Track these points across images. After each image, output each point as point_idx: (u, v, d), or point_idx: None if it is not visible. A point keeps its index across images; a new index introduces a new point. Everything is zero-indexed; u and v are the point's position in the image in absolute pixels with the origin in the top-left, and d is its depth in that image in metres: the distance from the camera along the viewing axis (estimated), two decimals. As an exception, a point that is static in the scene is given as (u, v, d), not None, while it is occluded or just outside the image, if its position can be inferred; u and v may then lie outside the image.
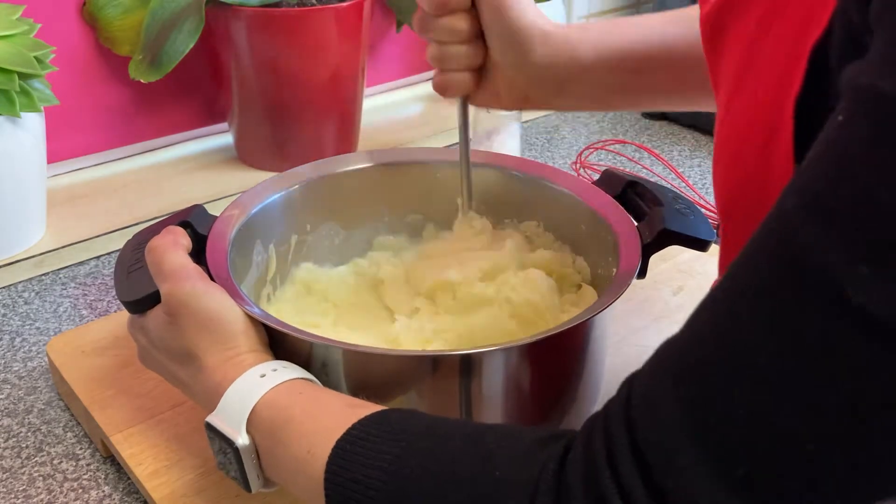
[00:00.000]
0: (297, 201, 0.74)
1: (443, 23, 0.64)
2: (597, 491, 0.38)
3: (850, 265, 0.32)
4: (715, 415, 0.36)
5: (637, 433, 0.38)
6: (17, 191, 0.92)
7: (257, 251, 0.72)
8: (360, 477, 0.46)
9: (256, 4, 1.01)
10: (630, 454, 0.38)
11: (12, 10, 0.89)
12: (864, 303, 0.32)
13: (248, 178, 1.11)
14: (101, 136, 1.12)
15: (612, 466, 0.38)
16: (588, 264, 0.73)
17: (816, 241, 0.34)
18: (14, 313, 0.88)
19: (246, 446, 0.53)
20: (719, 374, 0.36)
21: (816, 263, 0.33)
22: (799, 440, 0.34)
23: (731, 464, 0.35)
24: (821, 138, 0.35)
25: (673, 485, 0.36)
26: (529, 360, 0.59)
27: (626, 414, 0.39)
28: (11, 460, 0.69)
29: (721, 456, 0.36)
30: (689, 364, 0.37)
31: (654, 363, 0.40)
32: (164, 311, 0.59)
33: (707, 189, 1.14)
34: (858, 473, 0.34)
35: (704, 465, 0.36)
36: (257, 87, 1.06)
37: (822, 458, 0.34)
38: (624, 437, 0.38)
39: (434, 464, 0.45)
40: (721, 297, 0.38)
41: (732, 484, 0.35)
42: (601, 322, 0.64)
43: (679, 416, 0.37)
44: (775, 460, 0.35)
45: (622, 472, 0.37)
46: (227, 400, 0.54)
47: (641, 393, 0.39)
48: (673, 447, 0.36)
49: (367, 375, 0.59)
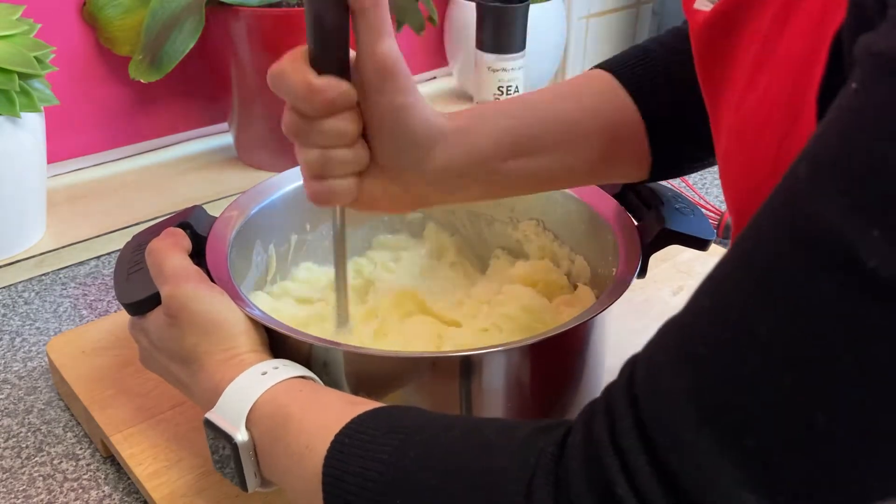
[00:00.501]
0: (296, 201, 0.74)
1: (327, 125, 0.55)
2: (599, 470, 0.37)
3: (862, 229, 0.32)
4: (720, 388, 0.35)
5: (641, 410, 0.37)
6: (17, 191, 0.92)
7: (257, 251, 0.72)
8: (357, 470, 0.45)
9: (256, 4, 1.01)
10: (634, 431, 0.37)
11: (12, 10, 0.89)
12: (877, 266, 0.32)
13: (248, 178, 1.11)
14: (101, 136, 1.12)
15: (615, 445, 0.37)
16: (588, 264, 0.73)
17: (828, 206, 0.33)
18: (14, 313, 0.88)
19: (244, 443, 0.53)
20: (724, 346, 0.36)
21: (828, 229, 0.33)
22: (807, 410, 0.34)
23: (737, 437, 0.35)
24: (833, 107, 0.35)
25: (678, 460, 0.36)
26: (530, 361, 0.59)
27: (630, 392, 0.38)
28: (11, 460, 0.69)
29: (727, 429, 0.35)
30: (692, 338, 0.37)
31: (657, 341, 0.39)
32: (165, 313, 0.59)
33: (707, 189, 1.14)
34: (867, 443, 0.34)
35: (710, 438, 0.35)
36: (257, 87, 1.06)
37: (831, 429, 0.34)
38: (627, 415, 0.38)
39: (431, 455, 0.44)
40: (726, 270, 0.37)
41: (739, 457, 0.35)
42: (601, 323, 0.64)
43: (684, 391, 0.36)
44: (782, 432, 0.34)
45: (625, 449, 0.37)
46: (227, 397, 0.54)
47: (644, 371, 0.38)
48: (678, 422, 0.36)
49: (367, 377, 0.59)
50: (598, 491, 0.37)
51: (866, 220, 0.32)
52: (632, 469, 0.37)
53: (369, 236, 0.80)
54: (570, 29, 1.43)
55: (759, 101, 0.45)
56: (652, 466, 0.36)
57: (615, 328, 0.67)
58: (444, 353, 0.63)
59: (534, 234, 0.77)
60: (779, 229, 0.35)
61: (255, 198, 0.72)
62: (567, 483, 0.39)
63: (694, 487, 0.35)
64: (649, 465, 0.36)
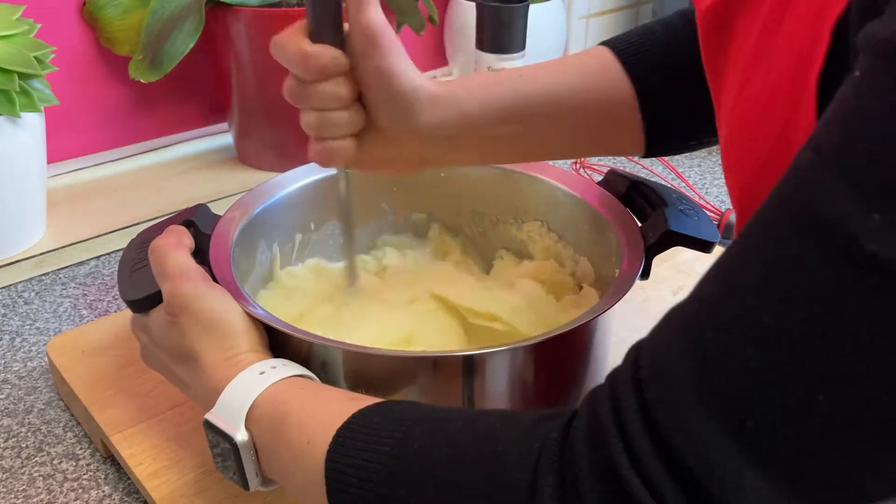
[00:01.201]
0: (300, 201, 0.74)
1: (321, 88, 0.59)
2: (603, 454, 0.38)
3: (863, 214, 0.32)
4: (724, 371, 0.36)
5: (646, 394, 0.37)
6: (17, 191, 0.92)
7: (261, 250, 0.72)
8: (360, 462, 0.46)
9: (256, 4, 1.01)
10: (638, 415, 0.37)
11: (12, 10, 0.89)
12: (876, 251, 0.32)
13: (248, 178, 1.11)
14: (101, 136, 1.12)
15: (620, 427, 0.38)
16: (591, 265, 0.73)
17: (831, 192, 0.33)
18: (14, 313, 0.87)
19: (244, 442, 0.53)
20: (728, 330, 0.36)
21: (830, 214, 0.33)
22: (809, 393, 0.34)
23: (740, 418, 0.35)
24: (838, 96, 0.35)
25: (682, 440, 0.36)
26: (532, 360, 0.59)
27: (634, 376, 0.38)
28: (11, 460, 0.69)
29: (731, 411, 0.35)
30: (698, 323, 0.37)
31: (662, 327, 0.39)
32: (166, 311, 0.59)
33: (707, 189, 1.14)
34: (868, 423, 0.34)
35: (714, 421, 0.35)
36: (257, 87, 1.06)
37: (832, 411, 0.34)
38: (632, 399, 0.38)
39: (435, 445, 0.45)
40: (731, 258, 0.38)
41: (743, 439, 0.35)
42: (603, 323, 0.64)
43: (688, 374, 0.36)
44: (785, 413, 0.34)
45: (630, 431, 0.37)
46: (226, 396, 0.54)
47: (649, 355, 0.39)
48: (683, 404, 0.36)
49: (367, 376, 0.59)
50: (603, 473, 0.38)
51: (867, 204, 0.32)
52: (636, 451, 0.37)
53: (374, 236, 0.80)
54: (570, 29, 1.43)
55: (759, 88, 0.45)
56: (656, 447, 0.36)
57: (616, 327, 0.67)
58: (445, 353, 0.62)
59: (538, 235, 0.77)
60: (782, 216, 0.35)
61: (260, 197, 0.72)
62: (571, 466, 0.39)
63: (698, 467, 0.36)
64: (653, 445, 0.37)
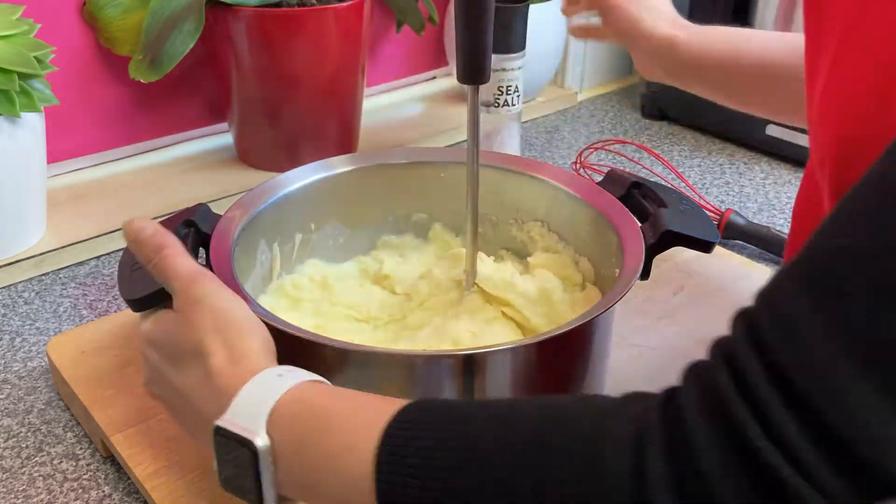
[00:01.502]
0: (301, 201, 0.74)
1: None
2: (728, 425, 0.36)
3: None
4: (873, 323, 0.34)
5: (776, 356, 0.36)
6: (17, 191, 0.92)
7: (261, 250, 0.72)
8: (417, 462, 0.43)
9: (256, 4, 1.01)
10: (764, 375, 0.36)
11: (12, 10, 0.89)
12: None
13: (248, 178, 1.11)
14: (101, 136, 1.12)
15: (746, 396, 0.36)
16: (592, 265, 0.73)
17: None
18: (14, 313, 0.87)
19: (265, 448, 0.48)
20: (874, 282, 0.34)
21: None
22: None
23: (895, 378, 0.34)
24: None
25: (828, 405, 0.34)
26: (533, 359, 0.59)
27: (756, 341, 0.37)
28: (11, 460, 0.69)
29: (886, 367, 0.34)
30: (833, 277, 0.36)
31: (778, 287, 0.38)
32: (176, 308, 0.56)
33: (707, 189, 1.14)
34: None
35: (864, 380, 0.34)
36: (257, 87, 1.06)
37: None
38: (756, 365, 0.36)
39: (509, 433, 0.42)
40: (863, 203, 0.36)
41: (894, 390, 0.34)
42: (604, 322, 0.64)
43: (830, 334, 0.35)
44: None
45: (759, 396, 0.36)
46: (242, 400, 0.49)
47: (771, 317, 0.37)
48: (825, 366, 0.35)
49: (370, 375, 0.59)
50: (728, 445, 0.36)
51: None
52: (769, 416, 0.35)
53: (373, 236, 0.80)
54: (570, 30, 1.43)
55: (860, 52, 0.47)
56: (791, 410, 0.35)
57: (617, 327, 0.67)
58: (447, 352, 0.62)
59: (539, 236, 0.77)
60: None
61: (260, 196, 0.72)
62: (685, 444, 0.37)
63: (843, 425, 0.34)
64: (786, 408, 0.35)
